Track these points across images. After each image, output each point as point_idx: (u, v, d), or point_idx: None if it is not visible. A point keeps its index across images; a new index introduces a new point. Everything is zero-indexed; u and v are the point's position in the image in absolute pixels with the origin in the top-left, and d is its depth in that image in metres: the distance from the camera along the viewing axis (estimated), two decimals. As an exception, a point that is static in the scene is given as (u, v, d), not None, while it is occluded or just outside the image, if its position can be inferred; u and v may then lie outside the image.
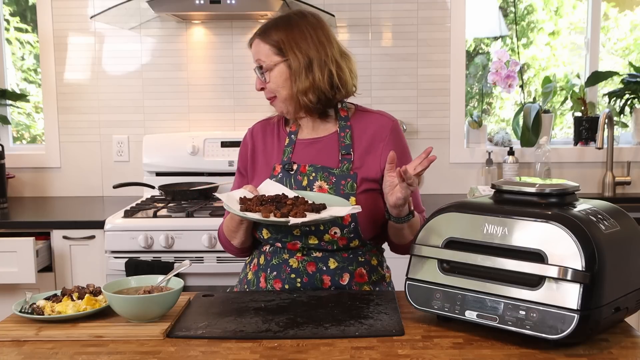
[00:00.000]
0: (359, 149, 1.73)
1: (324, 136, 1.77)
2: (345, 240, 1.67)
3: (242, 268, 1.86)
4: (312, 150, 1.76)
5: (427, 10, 3.28)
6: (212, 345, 1.32)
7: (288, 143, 1.78)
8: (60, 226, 2.75)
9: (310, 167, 1.72)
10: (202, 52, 3.32)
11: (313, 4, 3.02)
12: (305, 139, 1.78)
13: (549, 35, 3.64)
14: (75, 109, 3.36)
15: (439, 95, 3.33)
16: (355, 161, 1.72)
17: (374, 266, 1.74)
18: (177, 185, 3.15)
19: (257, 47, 1.74)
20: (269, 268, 1.71)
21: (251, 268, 1.77)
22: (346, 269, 1.69)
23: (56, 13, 3.30)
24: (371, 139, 1.74)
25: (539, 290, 1.25)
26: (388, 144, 1.73)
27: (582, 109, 3.35)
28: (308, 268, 1.67)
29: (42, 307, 1.47)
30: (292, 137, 1.79)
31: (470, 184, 3.32)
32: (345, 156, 1.72)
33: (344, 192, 1.68)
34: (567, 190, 1.39)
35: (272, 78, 1.72)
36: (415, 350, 1.27)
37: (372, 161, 1.72)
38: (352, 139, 1.74)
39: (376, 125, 1.76)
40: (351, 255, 1.70)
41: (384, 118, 1.78)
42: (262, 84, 1.75)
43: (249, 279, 1.77)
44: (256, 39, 1.75)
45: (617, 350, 1.27)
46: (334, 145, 1.75)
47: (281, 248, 1.70)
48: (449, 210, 1.41)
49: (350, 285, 1.69)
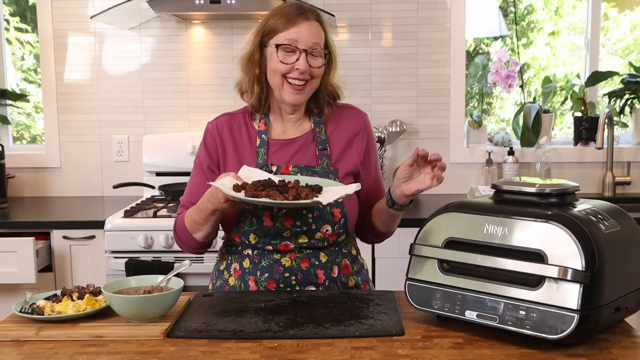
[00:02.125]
0: (336, 144, 1.76)
1: (300, 136, 1.77)
2: (336, 236, 1.70)
3: (214, 275, 1.81)
4: (289, 150, 1.75)
5: (427, 10, 3.28)
6: (212, 345, 1.32)
7: (260, 144, 1.74)
8: (60, 226, 2.75)
9: (294, 168, 1.72)
10: (202, 52, 3.32)
11: (313, 4, 3.02)
12: (280, 139, 1.76)
13: (549, 35, 3.64)
14: (75, 109, 3.36)
15: (439, 95, 3.33)
16: (333, 156, 1.74)
17: (354, 256, 1.79)
18: (177, 185, 3.15)
19: (316, 29, 1.68)
20: (258, 271, 1.69)
21: (232, 274, 1.73)
22: (334, 262, 1.72)
23: (56, 13, 3.30)
24: (346, 133, 1.77)
25: (539, 290, 1.25)
26: (362, 136, 1.78)
27: (582, 109, 3.35)
28: (302, 265, 1.68)
29: (42, 307, 1.47)
30: (262, 137, 1.75)
31: (470, 184, 3.32)
32: (322, 152, 1.74)
33: None
34: (567, 190, 1.39)
35: (318, 68, 1.69)
36: (415, 350, 1.27)
37: (350, 155, 1.76)
38: (327, 134, 1.76)
39: (349, 119, 1.79)
40: (337, 248, 1.74)
41: (355, 111, 1.82)
42: (307, 67, 1.66)
43: (232, 285, 1.72)
44: (313, 20, 1.69)
45: (617, 350, 1.27)
46: (311, 143, 1.76)
47: (272, 250, 1.69)
48: (449, 210, 1.41)
49: (339, 277, 1.72)
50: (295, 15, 1.67)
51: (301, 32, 1.66)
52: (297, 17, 1.67)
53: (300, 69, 1.65)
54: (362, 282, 1.79)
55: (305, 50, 1.66)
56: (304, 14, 1.68)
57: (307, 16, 1.68)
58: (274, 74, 1.69)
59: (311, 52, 1.67)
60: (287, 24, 1.66)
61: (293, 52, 1.66)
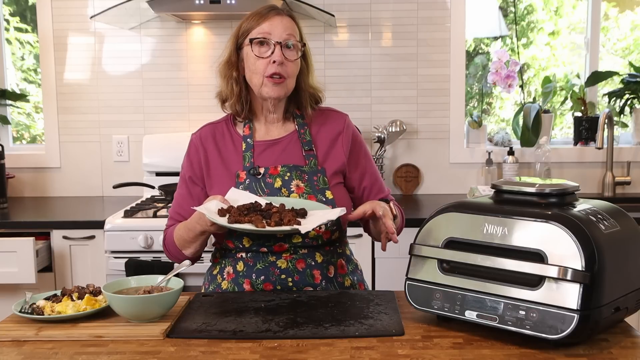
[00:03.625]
0: (321, 145, 1.78)
1: (284, 136, 1.78)
2: (329, 234, 1.70)
3: (207, 279, 1.81)
4: (275, 151, 1.76)
5: (427, 10, 3.28)
6: (212, 345, 1.32)
7: (246, 147, 1.75)
8: (60, 226, 2.75)
9: (283, 168, 1.72)
10: (202, 52, 3.32)
11: (313, 4, 3.03)
12: (264, 140, 1.77)
13: (548, 35, 3.64)
14: (75, 109, 3.37)
15: (439, 95, 3.33)
16: (319, 156, 1.76)
17: (348, 256, 1.81)
18: (177, 185, 3.14)
19: (289, 22, 1.71)
20: (254, 273, 1.68)
21: (225, 277, 1.73)
22: (330, 262, 1.72)
23: (56, 13, 3.31)
24: (330, 134, 1.80)
25: (539, 290, 1.25)
26: (346, 135, 1.81)
27: (582, 109, 3.35)
28: (298, 266, 1.68)
29: (42, 307, 1.47)
30: (248, 140, 1.76)
31: (470, 184, 3.32)
32: (308, 152, 1.75)
33: (319, 188, 1.71)
34: (567, 190, 1.39)
35: (294, 60, 1.71)
36: (415, 350, 1.28)
37: (335, 154, 1.78)
38: (311, 135, 1.78)
39: (331, 121, 1.82)
40: (332, 248, 1.74)
41: (336, 113, 1.86)
42: (283, 58, 1.67)
43: (224, 289, 1.72)
44: (285, 15, 1.71)
45: (617, 350, 1.27)
46: (296, 143, 1.77)
47: (266, 252, 1.69)
48: (449, 210, 1.41)
49: (336, 277, 1.73)
50: (266, 12, 1.71)
51: (273, 24, 1.69)
52: (268, 12, 1.71)
53: (276, 60, 1.66)
54: (357, 282, 1.79)
55: (279, 43, 1.68)
56: (275, 9, 1.72)
57: (279, 11, 1.72)
58: (254, 75, 1.70)
59: (285, 43, 1.68)
60: (259, 20, 1.70)
61: (267, 45, 1.68)
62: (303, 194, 1.69)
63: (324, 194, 1.70)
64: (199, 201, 1.75)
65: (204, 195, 1.77)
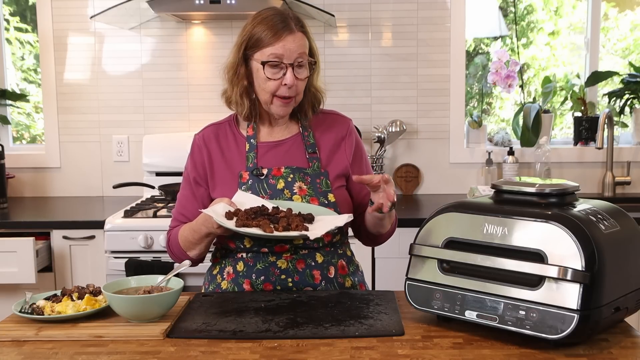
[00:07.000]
0: (324, 148, 1.78)
1: (288, 138, 1.78)
2: (330, 236, 1.70)
3: (207, 279, 1.81)
4: (278, 152, 1.76)
5: (427, 10, 3.28)
6: (212, 345, 1.32)
7: (249, 148, 1.75)
8: (60, 226, 2.75)
9: (286, 169, 1.72)
10: (202, 52, 3.32)
11: (313, 4, 3.03)
12: (268, 141, 1.77)
13: (548, 35, 3.64)
14: (75, 109, 3.36)
15: (439, 95, 3.33)
16: (323, 159, 1.76)
17: (349, 257, 1.80)
18: (177, 186, 3.12)
19: (301, 40, 1.67)
20: (254, 274, 1.68)
21: (225, 277, 1.73)
22: (331, 263, 1.72)
23: (56, 13, 3.30)
24: (333, 138, 1.79)
25: (539, 290, 1.25)
26: (349, 139, 1.80)
27: (582, 109, 3.35)
28: (298, 266, 1.68)
29: (42, 307, 1.47)
30: (251, 141, 1.76)
31: (470, 184, 3.32)
32: (312, 155, 1.75)
33: (322, 190, 1.71)
34: (567, 190, 1.39)
35: (304, 79, 1.70)
36: (415, 350, 1.28)
37: (339, 158, 1.78)
38: (315, 138, 1.78)
39: (336, 124, 1.82)
40: (332, 249, 1.74)
41: (341, 117, 1.85)
42: (294, 81, 1.66)
43: (224, 289, 1.72)
44: (299, 32, 1.67)
45: (617, 350, 1.27)
46: (300, 145, 1.77)
47: (267, 252, 1.68)
48: (449, 210, 1.42)
49: (336, 278, 1.72)
50: (280, 29, 1.64)
51: (287, 46, 1.64)
52: (282, 30, 1.64)
53: (287, 84, 1.65)
54: (358, 282, 1.79)
55: (291, 65, 1.66)
56: (287, 26, 1.65)
57: (291, 28, 1.66)
58: (263, 92, 1.69)
59: (297, 64, 1.67)
60: (271, 39, 1.64)
61: (279, 67, 1.66)
62: (305, 196, 1.69)
63: (326, 196, 1.70)
64: (202, 202, 1.75)
65: (208, 196, 1.76)
